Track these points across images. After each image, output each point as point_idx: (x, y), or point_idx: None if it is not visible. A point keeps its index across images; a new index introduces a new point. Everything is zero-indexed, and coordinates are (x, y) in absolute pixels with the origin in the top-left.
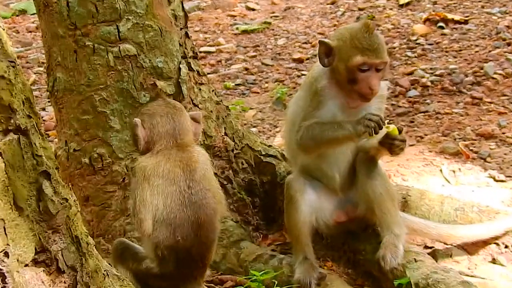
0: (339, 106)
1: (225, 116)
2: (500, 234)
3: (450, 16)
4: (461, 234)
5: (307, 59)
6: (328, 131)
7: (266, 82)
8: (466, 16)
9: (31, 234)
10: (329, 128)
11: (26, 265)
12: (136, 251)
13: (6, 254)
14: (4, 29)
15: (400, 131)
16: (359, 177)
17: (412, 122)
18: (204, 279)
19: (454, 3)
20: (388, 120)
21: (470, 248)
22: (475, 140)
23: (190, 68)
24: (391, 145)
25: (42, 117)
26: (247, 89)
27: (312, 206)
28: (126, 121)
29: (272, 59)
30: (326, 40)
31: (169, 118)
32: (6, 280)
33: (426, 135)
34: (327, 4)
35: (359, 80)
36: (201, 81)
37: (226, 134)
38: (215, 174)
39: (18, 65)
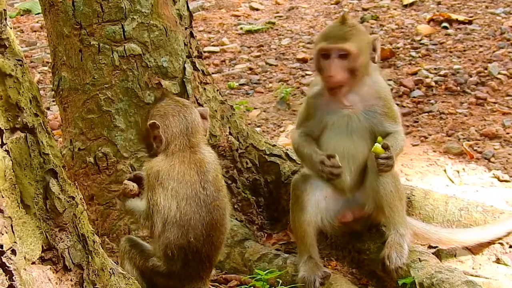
0: (332, 112)
1: (230, 116)
2: (502, 236)
3: (454, 16)
4: (462, 239)
5: (311, 59)
6: (300, 152)
7: (270, 82)
8: (470, 17)
9: (38, 232)
10: (301, 150)
11: (33, 263)
12: (144, 249)
13: (13, 252)
14: (11, 28)
15: (385, 148)
16: (370, 174)
17: (416, 122)
18: (209, 279)
19: (458, 4)
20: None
21: (474, 248)
22: (479, 140)
23: (195, 68)
24: (377, 163)
25: (47, 116)
26: (251, 89)
27: (317, 206)
28: (131, 120)
29: (276, 59)
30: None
31: (181, 117)
32: (13, 277)
33: (430, 135)
34: (331, 4)
35: (322, 69)
36: (205, 80)
37: (230, 133)
38: None
39: (25, 63)
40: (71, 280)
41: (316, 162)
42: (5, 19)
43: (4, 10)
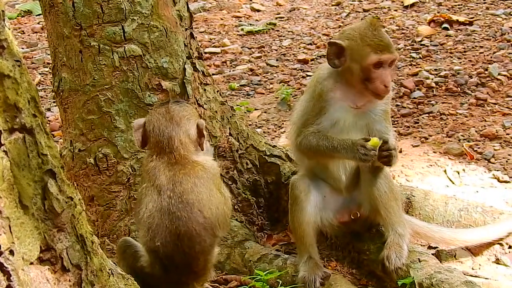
0: (343, 109)
1: (230, 117)
2: (504, 236)
3: (454, 17)
4: (464, 239)
5: (312, 60)
6: (325, 147)
7: (271, 83)
8: (471, 18)
9: (36, 233)
10: (326, 145)
11: (31, 263)
12: (137, 249)
13: (11, 252)
14: (10, 29)
15: (384, 143)
16: (364, 177)
17: (416, 123)
18: (202, 283)
19: (459, 5)
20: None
21: (474, 248)
22: (479, 141)
23: (195, 69)
24: (379, 157)
25: (47, 117)
26: (252, 90)
27: (316, 206)
28: (131, 121)
29: (277, 60)
30: (336, 40)
31: (160, 131)
32: (11, 278)
33: (430, 136)
34: (332, 5)
35: (373, 79)
36: (206, 81)
37: (230, 134)
38: (220, 174)
39: (23, 64)
40: (69, 281)
41: (355, 145)
42: (3, 20)
43: (2, 11)
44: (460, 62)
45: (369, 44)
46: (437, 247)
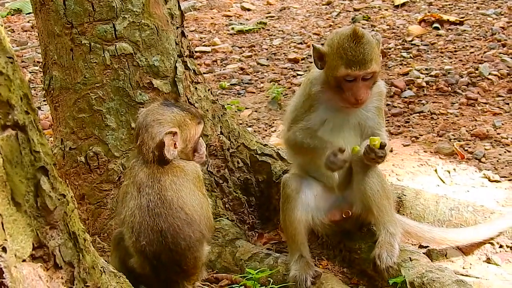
0: (333, 108)
1: (221, 115)
2: (494, 235)
3: (445, 17)
4: (455, 238)
5: (303, 59)
6: (307, 146)
7: (262, 82)
8: (461, 17)
9: (28, 230)
10: (309, 143)
11: (24, 261)
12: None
13: (4, 249)
14: (2, 25)
15: (382, 147)
16: (356, 176)
17: (407, 122)
18: (193, 281)
19: (450, 4)
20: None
21: (465, 248)
22: (470, 140)
23: (186, 67)
24: (368, 156)
25: (37, 114)
26: (243, 89)
27: (308, 205)
28: (122, 119)
29: (267, 59)
30: (318, 46)
31: (136, 127)
32: (3, 275)
33: (421, 135)
34: (323, 4)
35: (345, 90)
36: (197, 80)
37: (222, 133)
38: (211, 172)
39: (16, 61)
40: (61, 278)
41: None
42: None
43: None
44: (451, 62)
45: (341, 57)
46: (428, 246)
